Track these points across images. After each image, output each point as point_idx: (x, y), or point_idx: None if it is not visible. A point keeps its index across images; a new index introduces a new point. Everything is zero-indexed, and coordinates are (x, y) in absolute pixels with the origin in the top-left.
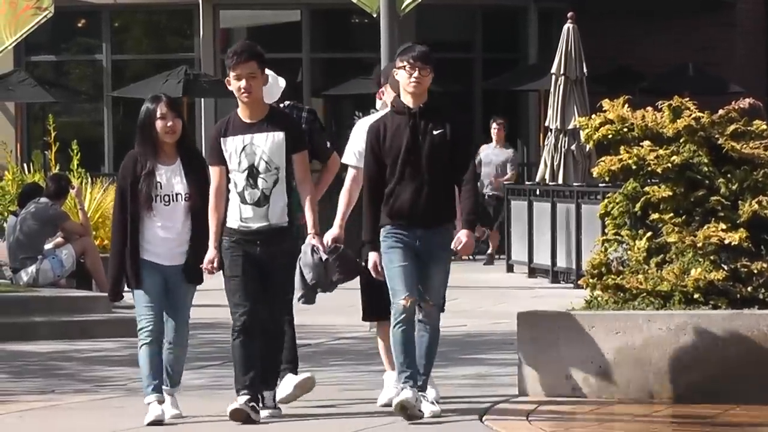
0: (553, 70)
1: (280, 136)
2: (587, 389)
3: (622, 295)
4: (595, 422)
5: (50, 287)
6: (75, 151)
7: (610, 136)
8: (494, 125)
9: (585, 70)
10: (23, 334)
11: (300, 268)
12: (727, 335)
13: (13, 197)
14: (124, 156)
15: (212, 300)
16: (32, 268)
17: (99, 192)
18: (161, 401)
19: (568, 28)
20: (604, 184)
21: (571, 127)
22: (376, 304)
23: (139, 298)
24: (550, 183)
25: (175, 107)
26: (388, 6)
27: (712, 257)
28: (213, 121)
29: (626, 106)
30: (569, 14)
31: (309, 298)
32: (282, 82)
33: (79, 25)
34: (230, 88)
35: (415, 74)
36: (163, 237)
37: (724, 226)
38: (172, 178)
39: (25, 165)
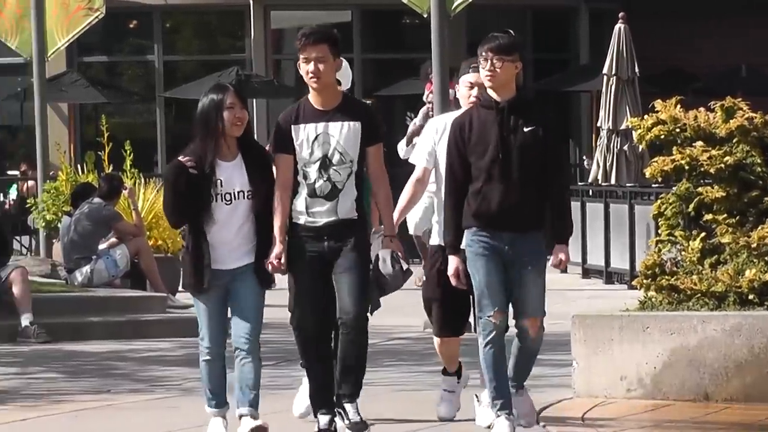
0: (605, 70)
1: (356, 125)
2: (641, 390)
3: (676, 296)
4: (649, 423)
5: (104, 287)
6: (128, 152)
7: (662, 137)
8: None
9: (636, 70)
10: (78, 334)
11: (376, 273)
12: None
13: (67, 198)
14: (176, 156)
15: (267, 300)
16: (86, 269)
17: (152, 192)
18: (224, 416)
19: (620, 29)
20: (656, 185)
21: (623, 127)
22: (453, 318)
23: (200, 307)
24: (603, 184)
25: (243, 98)
26: (439, 6)
27: (766, 258)
28: (265, 123)
29: (678, 106)
30: (620, 15)
31: (374, 304)
32: (350, 73)
33: (131, 25)
34: (300, 71)
35: (488, 66)
36: (225, 238)
37: None
38: (233, 175)
39: (78, 165)
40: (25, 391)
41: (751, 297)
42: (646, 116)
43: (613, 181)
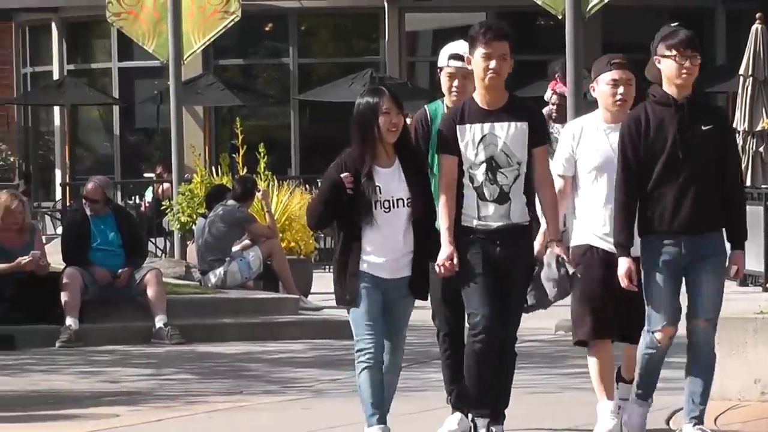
0: (741, 71)
1: (522, 126)
2: None
3: None
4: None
5: (238, 289)
6: (262, 154)
7: None
8: None
9: None
10: (211, 335)
11: (539, 280)
12: None
13: (201, 200)
14: (310, 159)
15: None
16: (220, 270)
17: (285, 195)
18: None
19: (757, 29)
20: None
21: (759, 128)
22: (601, 322)
23: (357, 316)
24: None
25: (399, 102)
26: (574, 7)
27: None
28: None
29: None
30: (758, 15)
31: (535, 311)
32: None
33: (266, 28)
34: (469, 66)
35: (687, 63)
36: (384, 247)
37: None
38: (391, 182)
39: (213, 168)
40: (159, 392)
41: None
42: None
43: (748, 183)
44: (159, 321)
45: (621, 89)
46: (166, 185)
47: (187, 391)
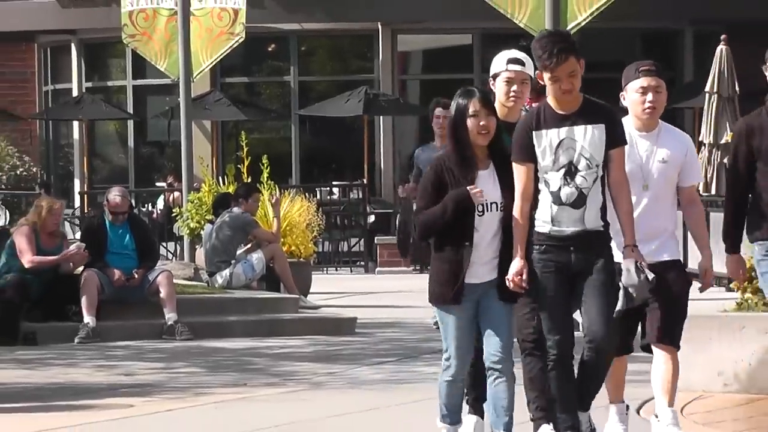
0: (707, 88)
1: (600, 128)
2: (737, 385)
3: None
4: (744, 416)
5: (242, 289)
6: (265, 165)
7: None
8: None
9: (737, 88)
10: (218, 331)
11: (622, 287)
12: None
13: (209, 207)
14: (310, 169)
15: (390, 301)
16: (226, 272)
17: (286, 203)
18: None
19: (721, 50)
20: None
21: (723, 141)
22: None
23: (448, 321)
24: (704, 194)
25: (489, 103)
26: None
27: None
28: (391, 139)
29: None
30: (722, 37)
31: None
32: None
33: (269, 49)
34: (542, 82)
35: None
36: (479, 251)
37: None
38: (486, 186)
39: (219, 178)
40: (170, 384)
41: None
42: None
43: (713, 192)
44: (170, 319)
45: (650, 96)
46: (176, 194)
47: (195, 383)
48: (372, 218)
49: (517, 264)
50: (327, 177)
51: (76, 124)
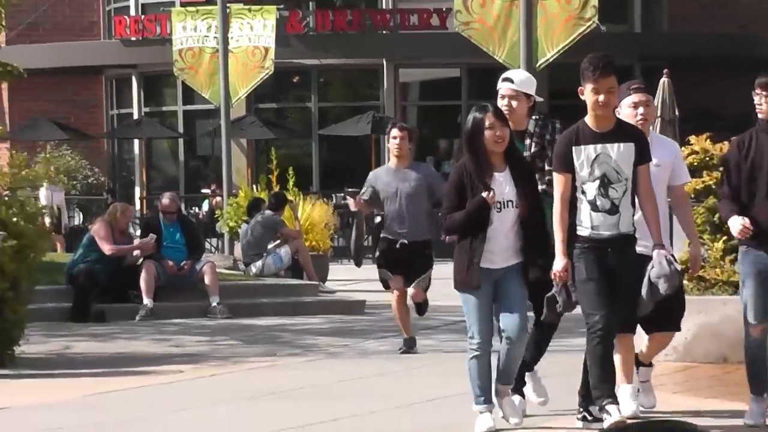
0: None
1: (630, 146)
2: (675, 355)
3: (703, 284)
4: (681, 379)
5: (272, 277)
6: (290, 175)
7: (695, 164)
8: None
9: (677, 113)
10: (252, 311)
11: (649, 280)
12: None
13: (245, 210)
14: (327, 179)
15: None
16: (259, 263)
17: (308, 206)
18: (491, 411)
19: (664, 81)
20: (692, 200)
21: None
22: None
23: (470, 304)
24: None
25: (502, 116)
26: (526, 63)
27: None
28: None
29: (708, 141)
30: (665, 71)
31: (646, 310)
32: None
33: (294, 80)
34: (582, 97)
35: (758, 100)
36: (496, 242)
37: None
38: (502, 186)
39: (253, 186)
40: (213, 354)
41: None
42: (683, 148)
43: None
44: (213, 301)
45: (641, 109)
46: (218, 198)
47: (233, 354)
48: (378, 219)
49: (561, 261)
50: (341, 185)
51: (136, 141)
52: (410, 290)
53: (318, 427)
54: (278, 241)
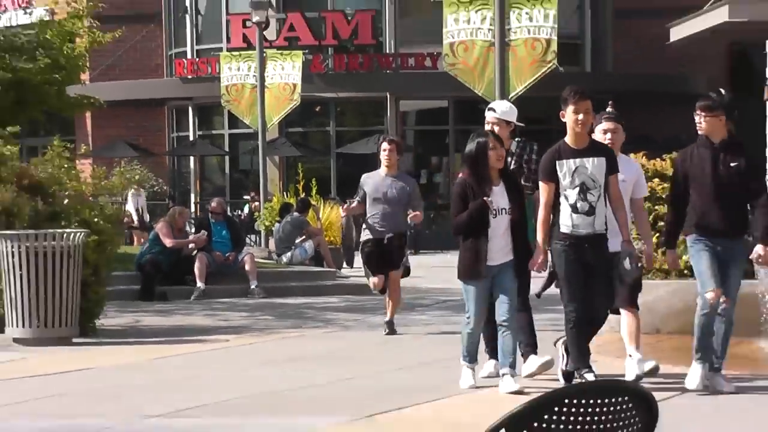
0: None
1: (602, 160)
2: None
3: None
4: (620, 347)
5: (300, 265)
6: (313, 185)
7: None
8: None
9: None
10: (283, 293)
11: (620, 272)
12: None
13: (277, 212)
14: (343, 188)
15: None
16: (289, 254)
17: (328, 209)
18: (474, 369)
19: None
20: None
21: None
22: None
23: (471, 292)
24: None
25: (500, 140)
26: (500, 96)
27: None
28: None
29: (644, 157)
30: (610, 102)
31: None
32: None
33: (316, 109)
34: (564, 119)
35: (698, 119)
36: (493, 242)
37: None
38: (498, 196)
39: (284, 193)
40: (252, 327)
41: (685, 272)
42: None
43: None
44: (252, 284)
45: (609, 135)
46: (256, 203)
47: (268, 326)
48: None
49: (540, 255)
50: (353, 193)
51: (191, 158)
52: (392, 273)
53: (337, 384)
54: (304, 237)
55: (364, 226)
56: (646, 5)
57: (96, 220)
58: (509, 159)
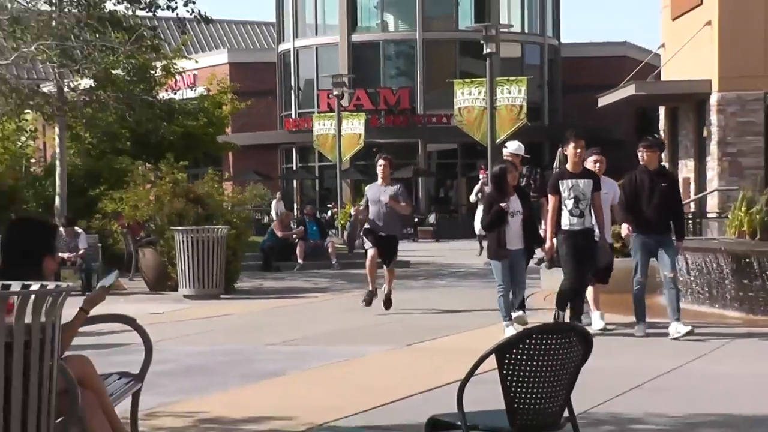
0: (556, 165)
1: (590, 181)
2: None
3: None
4: (549, 304)
5: (360, 250)
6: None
7: None
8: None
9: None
10: (352, 266)
11: (598, 256)
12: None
13: (347, 216)
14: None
15: (424, 255)
16: (356, 242)
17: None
18: (512, 324)
19: (559, 152)
20: None
21: None
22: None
23: (498, 267)
24: None
25: (513, 166)
26: (491, 141)
27: None
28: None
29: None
30: (561, 146)
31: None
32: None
33: (374, 150)
34: (566, 152)
35: (640, 154)
36: (513, 234)
37: None
38: (514, 203)
39: (353, 203)
40: (331, 288)
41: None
42: None
43: None
44: (333, 260)
45: (597, 165)
46: (335, 210)
47: (342, 287)
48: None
49: (548, 244)
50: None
51: (294, 181)
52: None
53: (384, 325)
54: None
55: (366, 223)
56: (584, 83)
57: (234, 220)
58: (521, 178)
